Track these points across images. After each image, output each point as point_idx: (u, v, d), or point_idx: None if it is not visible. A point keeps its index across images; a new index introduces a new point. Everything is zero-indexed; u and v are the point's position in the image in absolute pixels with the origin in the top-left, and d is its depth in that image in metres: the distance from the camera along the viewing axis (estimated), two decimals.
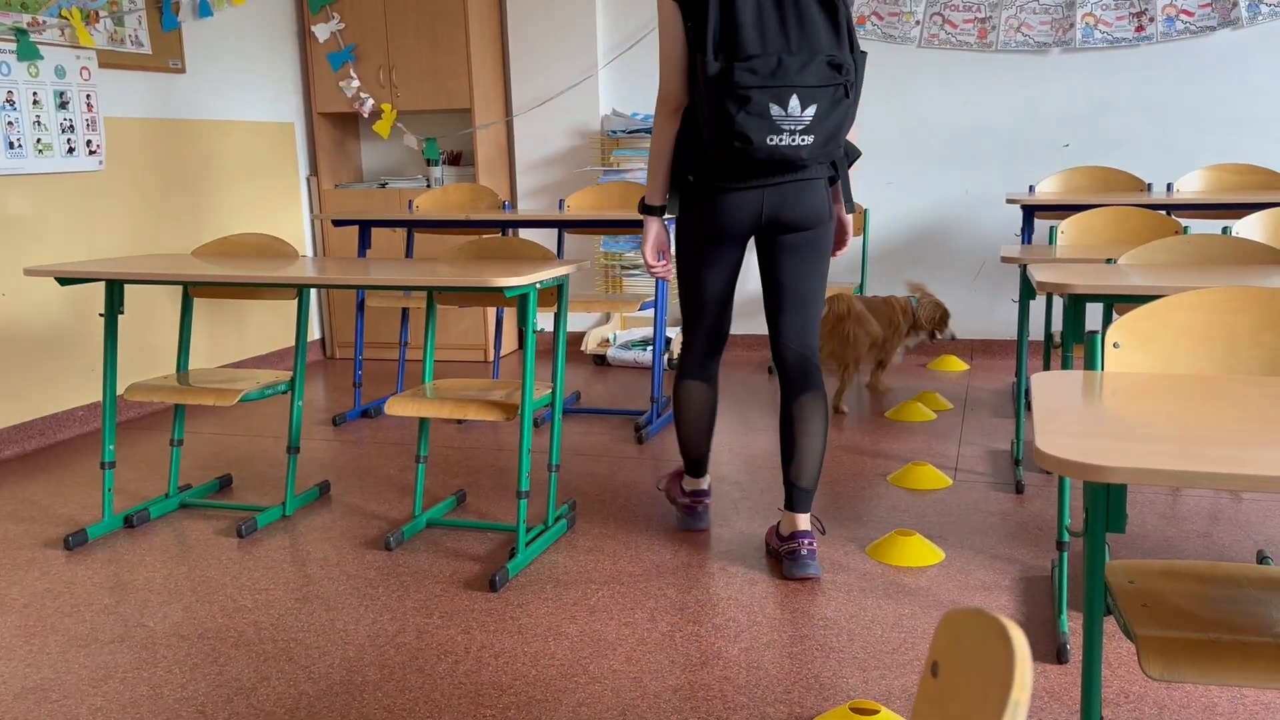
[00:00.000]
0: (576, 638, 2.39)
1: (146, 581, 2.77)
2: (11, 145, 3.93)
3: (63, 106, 4.13)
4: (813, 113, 2.40)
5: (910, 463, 3.48)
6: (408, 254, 4.78)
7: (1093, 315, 2.56)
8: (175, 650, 2.38)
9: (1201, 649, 1.36)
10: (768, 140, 2.40)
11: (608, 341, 5.57)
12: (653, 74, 5.35)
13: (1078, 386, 1.49)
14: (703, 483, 3.05)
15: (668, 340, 5.31)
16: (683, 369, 2.89)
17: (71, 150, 4.18)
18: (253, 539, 3.06)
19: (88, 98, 4.23)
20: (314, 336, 5.81)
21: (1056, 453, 1.15)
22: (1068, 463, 1.13)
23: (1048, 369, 3.00)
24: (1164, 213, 3.27)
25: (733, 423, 4.16)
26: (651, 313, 4.89)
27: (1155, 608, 1.46)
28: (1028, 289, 3.19)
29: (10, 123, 3.93)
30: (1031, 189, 4.51)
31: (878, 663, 2.24)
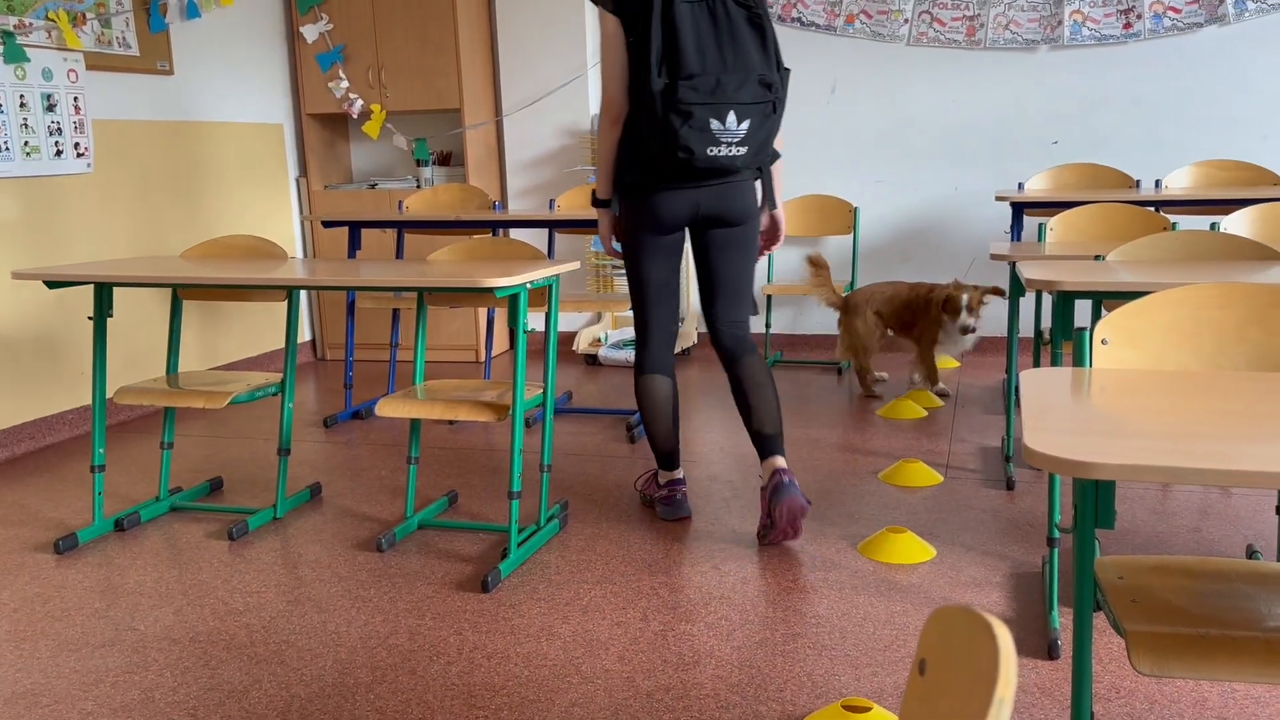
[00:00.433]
0: (569, 638, 2.39)
1: (137, 585, 2.77)
2: None
3: (50, 109, 4.11)
4: (747, 127, 2.67)
5: (901, 460, 3.48)
6: (398, 255, 4.77)
7: (1082, 312, 2.57)
8: (166, 654, 2.37)
9: (1191, 644, 1.37)
10: (708, 151, 2.65)
11: (599, 341, 5.57)
12: None
13: (1066, 383, 1.50)
14: (677, 473, 3.13)
15: None
16: (641, 365, 3.02)
17: (60, 153, 4.16)
18: (244, 541, 3.05)
19: (75, 100, 4.22)
20: (304, 338, 5.80)
21: (1045, 449, 1.15)
22: (1056, 460, 1.13)
23: (1038, 365, 3.01)
24: (1152, 209, 3.28)
25: (723, 421, 4.17)
26: None
27: (1145, 603, 1.47)
28: (1017, 286, 3.20)
29: None
30: (1020, 186, 4.52)
31: (870, 660, 2.25)
